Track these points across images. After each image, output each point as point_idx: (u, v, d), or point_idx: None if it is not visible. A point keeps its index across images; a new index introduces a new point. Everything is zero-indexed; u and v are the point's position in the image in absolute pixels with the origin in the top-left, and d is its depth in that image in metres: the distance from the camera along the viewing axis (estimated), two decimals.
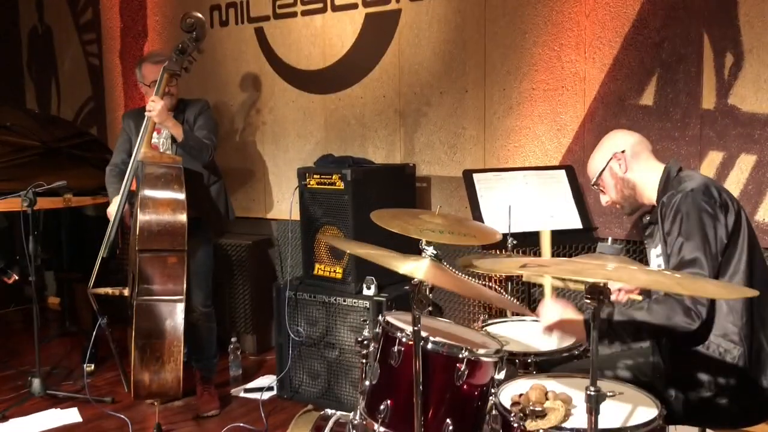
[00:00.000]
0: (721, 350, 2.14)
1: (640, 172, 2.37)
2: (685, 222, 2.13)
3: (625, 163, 2.37)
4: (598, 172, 2.43)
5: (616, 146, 2.40)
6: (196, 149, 3.49)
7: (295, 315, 3.69)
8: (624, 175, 2.38)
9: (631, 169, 2.37)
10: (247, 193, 4.72)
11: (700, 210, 2.13)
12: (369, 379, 2.17)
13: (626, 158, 2.37)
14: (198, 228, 3.51)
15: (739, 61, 2.99)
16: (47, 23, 5.89)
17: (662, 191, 2.29)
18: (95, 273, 3.50)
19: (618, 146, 2.39)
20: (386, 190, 3.62)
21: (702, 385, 2.17)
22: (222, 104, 4.72)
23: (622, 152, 2.37)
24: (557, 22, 3.43)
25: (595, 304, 1.67)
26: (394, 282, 3.46)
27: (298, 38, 4.35)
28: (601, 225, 3.41)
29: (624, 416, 1.82)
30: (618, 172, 2.38)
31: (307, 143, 4.40)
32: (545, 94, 3.50)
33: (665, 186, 2.29)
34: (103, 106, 5.54)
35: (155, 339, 3.18)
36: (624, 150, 2.37)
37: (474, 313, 3.79)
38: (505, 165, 3.62)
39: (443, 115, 3.84)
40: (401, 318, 2.22)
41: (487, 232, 2.42)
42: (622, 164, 2.37)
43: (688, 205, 2.14)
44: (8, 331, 5.19)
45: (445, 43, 3.79)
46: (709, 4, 3.04)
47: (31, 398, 3.76)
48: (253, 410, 3.62)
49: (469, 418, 2.03)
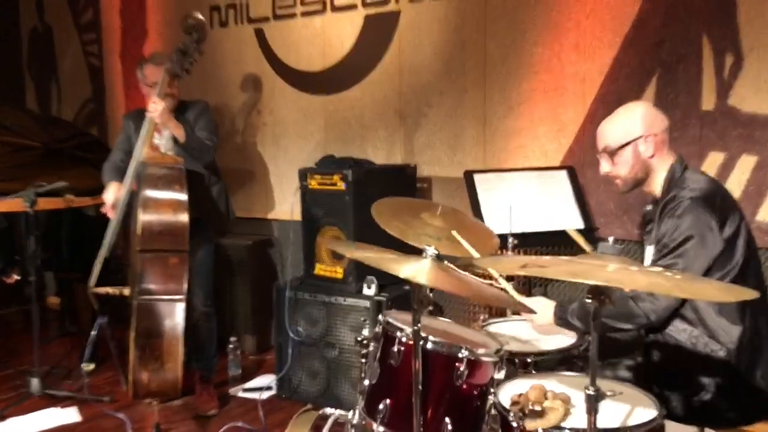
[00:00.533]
0: (710, 350, 2.15)
1: (659, 161, 2.29)
2: (680, 232, 2.13)
3: (655, 147, 2.26)
4: (620, 143, 2.28)
5: (652, 127, 2.27)
6: (198, 150, 3.49)
7: (295, 315, 3.69)
8: (647, 159, 2.28)
9: (658, 153, 2.28)
10: (247, 193, 4.72)
11: (697, 221, 2.13)
12: (368, 379, 2.17)
13: (657, 144, 2.27)
14: (199, 228, 3.51)
15: (739, 61, 2.99)
16: (47, 23, 5.90)
17: (666, 189, 2.26)
18: (96, 272, 3.50)
19: (653, 127, 2.27)
20: (387, 190, 3.57)
21: (699, 386, 2.17)
22: (222, 105, 4.72)
23: (655, 135, 2.26)
24: (557, 23, 3.43)
25: (596, 304, 1.67)
26: (394, 282, 3.46)
27: (297, 39, 4.35)
28: (602, 225, 3.41)
29: (623, 416, 1.81)
30: (643, 153, 2.27)
31: (307, 144, 4.41)
32: (545, 94, 3.50)
33: (669, 184, 2.26)
34: (103, 106, 5.54)
35: (155, 338, 3.18)
36: (657, 134, 2.26)
37: (474, 312, 3.78)
38: (506, 166, 3.62)
39: (443, 115, 3.84)
40: (401, 318, 2.22)
41: (485, 238, 2.40)
42: (650, 148, 2.27)
43: (687, 216, 2.13)
44: (8, 331, 5.18)
45: (445, 44, 3.79)
46: (709, 4, 3.04)
47: (30, 397, 3.76)
48: (251, 410, 3.62)
49: (469, 418, 2.03)
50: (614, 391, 1.75)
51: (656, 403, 1.85)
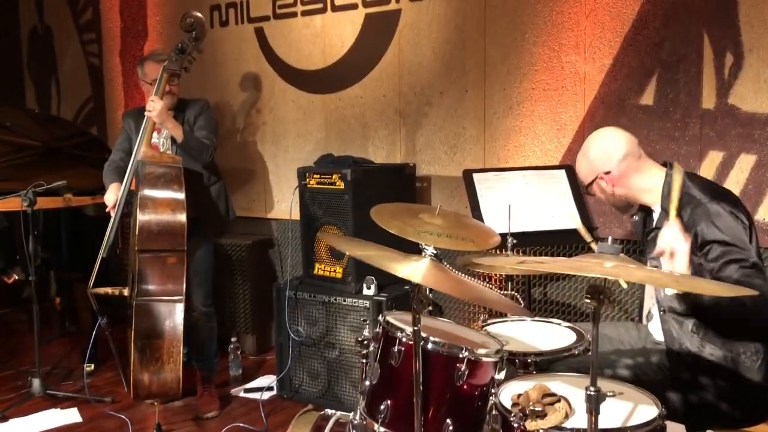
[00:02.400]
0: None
1: (631, 186, 2.32)
2: (728, 227, 2.10)
3: (612, 182, 2.32)
4: (586, 182, 2.39)
5: (602, 165, 2.32)
6: (196, 150, 3.49)
7: (295, 315, 3.69)
8: (612, 193, 2.35)
9: (619, 185, 2.32)
10: (247, 192, 4.72)
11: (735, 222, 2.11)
12: (369, 379, 2.17)
13: (613, 179, 2.31)
14: (198, 228, 3.51)
15: (739, 61, 2.99)
16: (47, 23, 5.89)
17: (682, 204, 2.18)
18: (95, 273, 3.50)
19: (604, 166, 2.31)
20: (386, 189, 3.61)
21: (699, 386, 2.17)
22: (222, 104, 4.72)
23: (607, 173, 2.31)
24: (557, 22, 3.43)
25: (595, 304, 1.67)
26: (394, 282, 3.46)
27: (298, 38, 4.35)
28: (601, 225, 3.41)
29: (624, 416, 1.81)
30: (606, 189, 2.35)
31: (307, 143, 4.41)
32: (545, 94, 3.50)
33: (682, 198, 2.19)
34: (103, 106, 5.54)
35: (155, 339, 3.18)
36: (609, 171, 2.31)
37: (474, 312, 3.79)
38: (505, 165, 3.63)
39: (443, 115, 3.84)
40: (401, 318, 2.22)
41: (485, 236, 2.40)
42: (608, 184, 2.33)
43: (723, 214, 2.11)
44: (8, 331, 5.18)
45: (445, 43, 3.79)
46: (709, 4, 3.04)
47: (31, 398, 3.76)
48: (253, 410, 3.62)
49: (469, 418, 2.03)
50: (615, 391, 1.75)
51: (657, 403, 1.85)
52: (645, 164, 2.33)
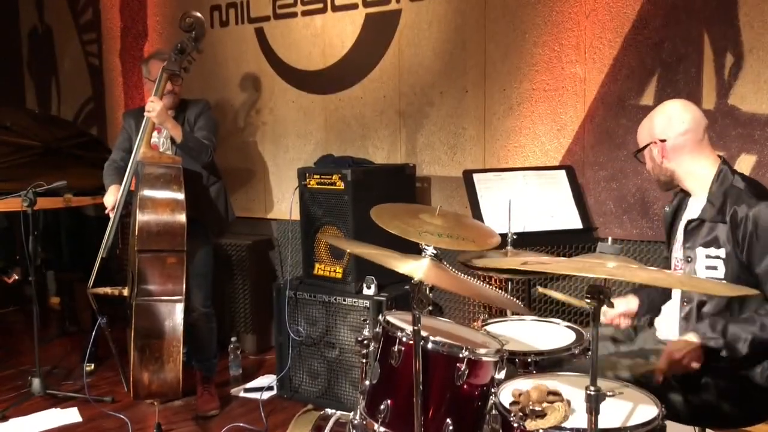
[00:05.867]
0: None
1: (681, 164, 2.28)
2: None
3: (663, 153, 2.27)
4: (641, 144, 2.34)
5: (660, 132, 2.28)
6: (195, 150, 3.49)
7: (295, 315, 3.69)
8: (661, 163, 2.30)
9: (669, 159, 2.28)
10: (247, 193, 4.72)
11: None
12: (369, 379, 2.17)
13: (665, 148, 2.26)
14: (197, 228, 3.50)
15: (739, 61, 2.99)
16: (47, 23, 5.89)
17: (722, 195, 2.18)
18: (95, 273, 3.50)
19: (662, 133, 2.27)
20: (386, 190, 3.61)
21: (699, 386, 2.17)
22: (222, 104, 4.72)
23: (662, 141, 2.26)
24: (557, 23, 3.43)
25: (595, 304, 1.67)
26: (394, 281, 3.46)
27: (298, 38, 4.35)
28: (601, 225, 3.41)
29: (624, 416, 1.81)
30: (656, 158, 2.30)
31: (307, 143, 4.41)
32: (545, 94, 3.50)
33: (725, 192, 2.19)
34: (103, 106, 5.54)
35: (154, 339, 3.18)
36: (665, 139, 2.26)
37: (474, 312, 3.79)
38: (505, 165, 3.62)
39: (443, 115, 3.84)
40: (401, 317, 2.22)
41: (485, 236, 2.40)
42: (659, 153, 2.28)
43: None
44: (8, 331, 5.18)
45: (445, 43, 3.79)
46: (709, 4, 3.04)
47: (31, 398, 3.76)
48: (253, 410, 3.62)
49: (470, 418, 2.03)
50: (615, 391, 1.75)
51: (657, 402, 1.85)
52: (704, 150, 2.28)
